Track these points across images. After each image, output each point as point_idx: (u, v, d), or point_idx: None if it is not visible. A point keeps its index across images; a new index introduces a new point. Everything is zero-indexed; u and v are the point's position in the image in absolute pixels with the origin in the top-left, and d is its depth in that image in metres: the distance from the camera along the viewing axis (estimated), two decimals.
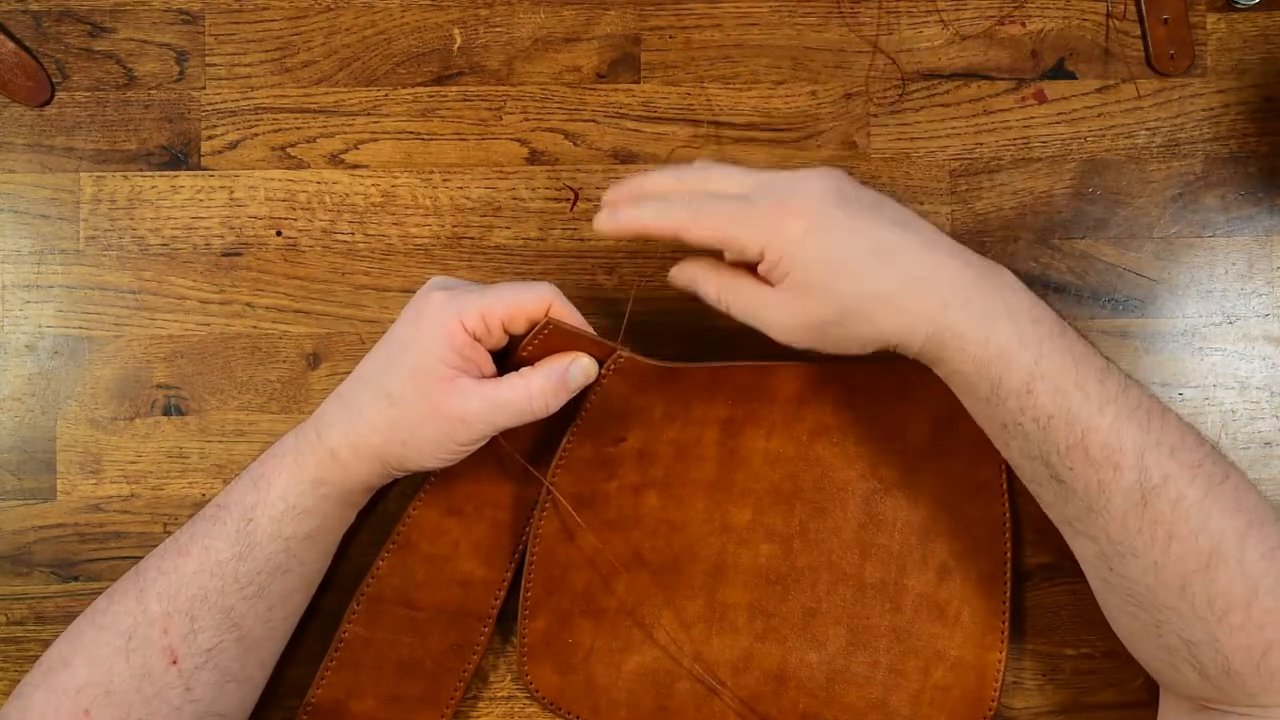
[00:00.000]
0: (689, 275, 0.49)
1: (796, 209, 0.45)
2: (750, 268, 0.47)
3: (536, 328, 0.48)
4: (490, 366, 0.48)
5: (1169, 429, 0.44)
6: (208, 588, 0.46)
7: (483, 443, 0.49)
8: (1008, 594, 0.54)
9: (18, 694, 0.46)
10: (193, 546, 0.47)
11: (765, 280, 0.46)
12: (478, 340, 0.47)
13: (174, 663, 0.45)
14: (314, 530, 0.48)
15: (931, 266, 0.45)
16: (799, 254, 0.45)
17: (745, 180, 0.47)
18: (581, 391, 0.50)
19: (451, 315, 0.46)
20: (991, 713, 0.53)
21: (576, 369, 0.49)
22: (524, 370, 0.48)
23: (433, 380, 0.46)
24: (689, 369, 0.53)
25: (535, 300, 0.48)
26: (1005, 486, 0.54)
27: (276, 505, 0.47)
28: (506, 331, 0.48)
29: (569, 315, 0.49)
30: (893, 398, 0.54)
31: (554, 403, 0.49)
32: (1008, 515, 0.54)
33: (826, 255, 0.45)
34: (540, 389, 0.48)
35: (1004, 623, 0.54)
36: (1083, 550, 0.47)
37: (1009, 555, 0.54)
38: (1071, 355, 0.44)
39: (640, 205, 0.48)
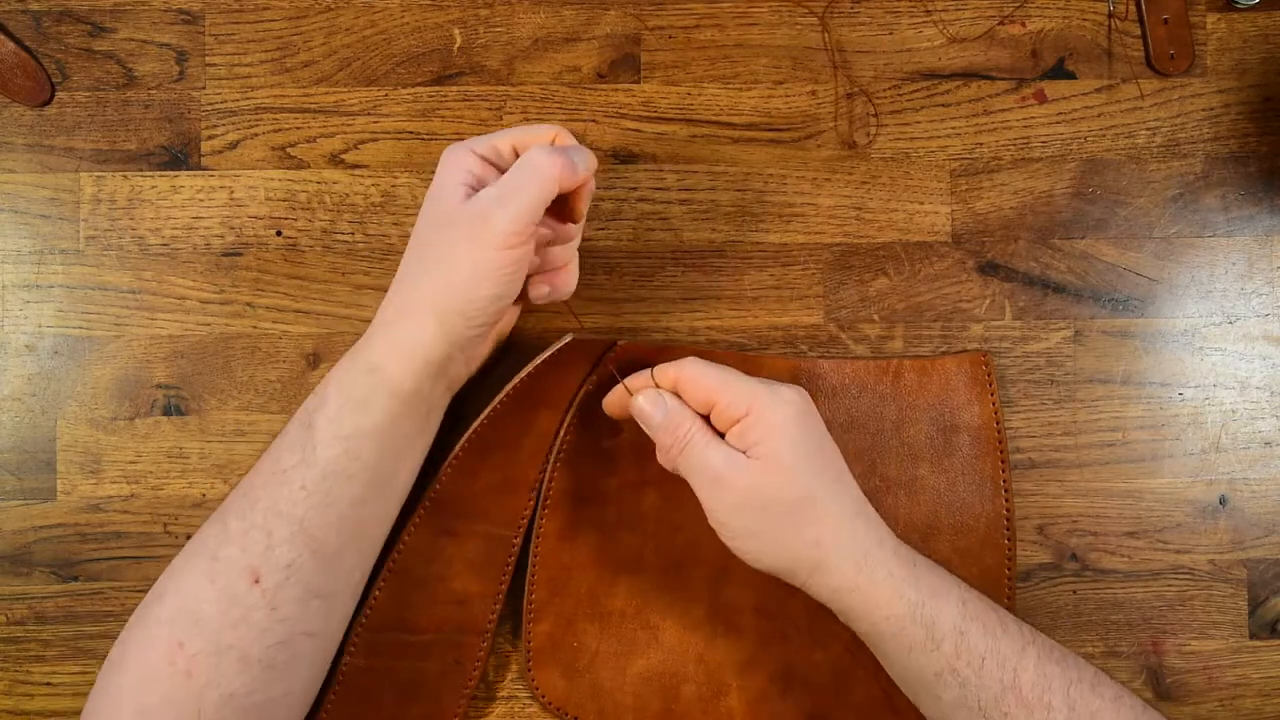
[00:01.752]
0: (656, 400, 0.48)
1: (790, 396, 0.47)
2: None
3: (552, 349, 0.51)
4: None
5: (1083, 666, 0.45)
6: (277, 499, 0.46)
7: (523, 250, 0.46)
8: (1010, 592, 0.54)
9: (122, 637, 0.46)
10: (264, 461, 0.47)
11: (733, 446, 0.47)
12: (489, 162, 0.48)
13: (256, 581, 0.45)
14: (372, 427, 0.47)
15: (869, 512, 0.48)
16: (784, 428, 0.46)
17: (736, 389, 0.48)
18: (576, 381, 0.52)
19: (463, 150, 0.48)
20: None
21: (565, 135, 0.49)
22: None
23: (454, 204, 0.46)
24: (680, 350, 0.54)
25: (539, 134, 0.49)
26: (1006, 484, 0.54)
27: (332, 402, 0.47)
28: (516, 153, 0.49)
29: (569, 142, 0.49)
30: (889, 395, 0.55)
31: (567, 168, 0.46)
32: (1008, 513, 0.54)
33: (805, 439, 0.46)
34: (546, 152, 0.46)
35: None
36: None
37: (1010, 553, 0.54)
38: (985, 602, 0.46)
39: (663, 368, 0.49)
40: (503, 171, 0.47)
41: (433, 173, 0.57)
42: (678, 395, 0.48)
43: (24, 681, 0.55)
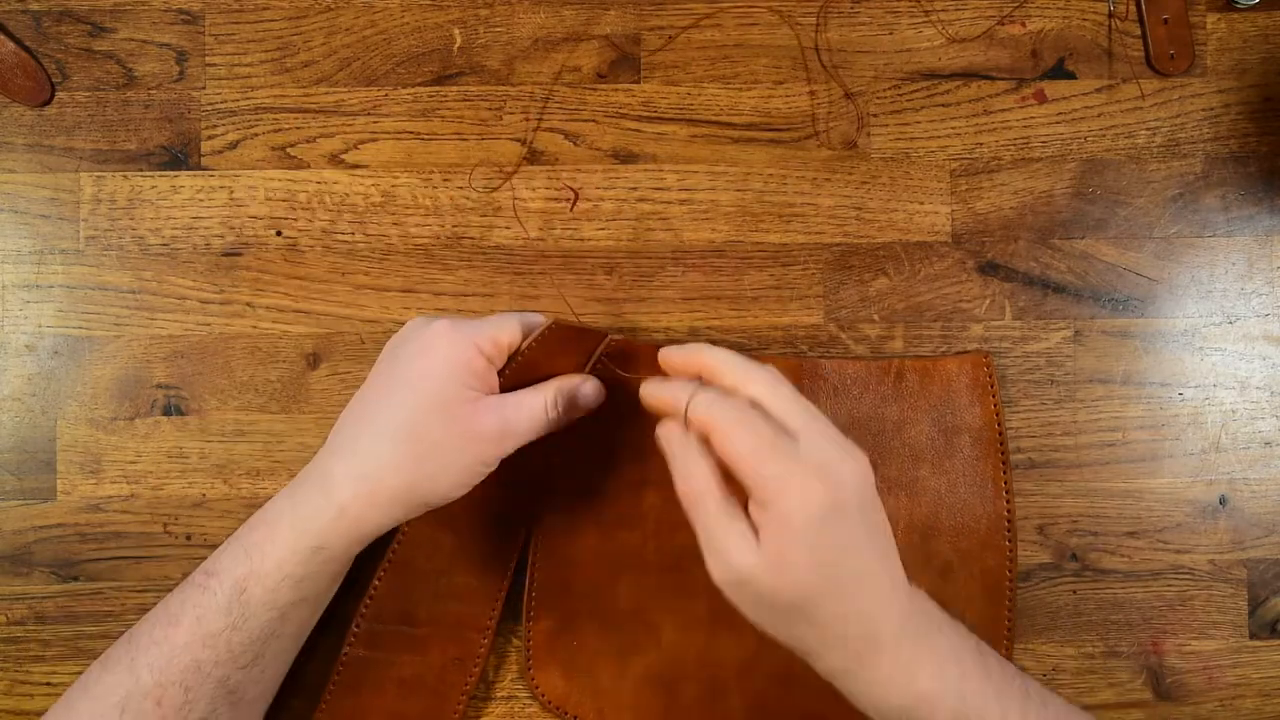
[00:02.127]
0: (681, 443, 0.44)
1: (830, 484, 0.41)
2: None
3: (538, 331, 0.49)
4: (498, 385, 0.49)
5: None
6: (201, 659, 0.46)
7: (501, 459, 0.48)
8: (1010, 593, 0.54)
9: None
10: (184, 616, 0.46)
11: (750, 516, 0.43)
12: (491, 363, 0.48)
13: None
14: (309, 594, 0.48)
15: (880, 602, 0.43)
16: (800, 525, 0.41)
17: (797, 417, 0.43)
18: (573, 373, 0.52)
19: (467, 343, 0.47)
20: None
21: (588, 387, 0.51)
22: (536, 386, 0.49)
23: (459, 405, 0.46)
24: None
25: (535, 321, 0.50)
26: (1006, 485, 0.54)
27: (272, 576, 0.46)
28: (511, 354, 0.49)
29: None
30: (890, 396, 0.54)
31: (564, 413, 0.49)
32: (1009, 514, 0.54)
33: (818, 545, 0.41)
34: (553, 399, 0.49)
35: (1007, 622, 0.54)
36: None
37: (1011, 554, 0.54)
38: (993, 687, 0.44)
39: (685, 387, 0.44)
40: (497, 364, 0.48)
41: (433, 173, 0.57)
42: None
43: (24, 681, 0.55)
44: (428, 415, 0.46)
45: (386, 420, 0.47)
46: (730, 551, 0.42)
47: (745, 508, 0.42)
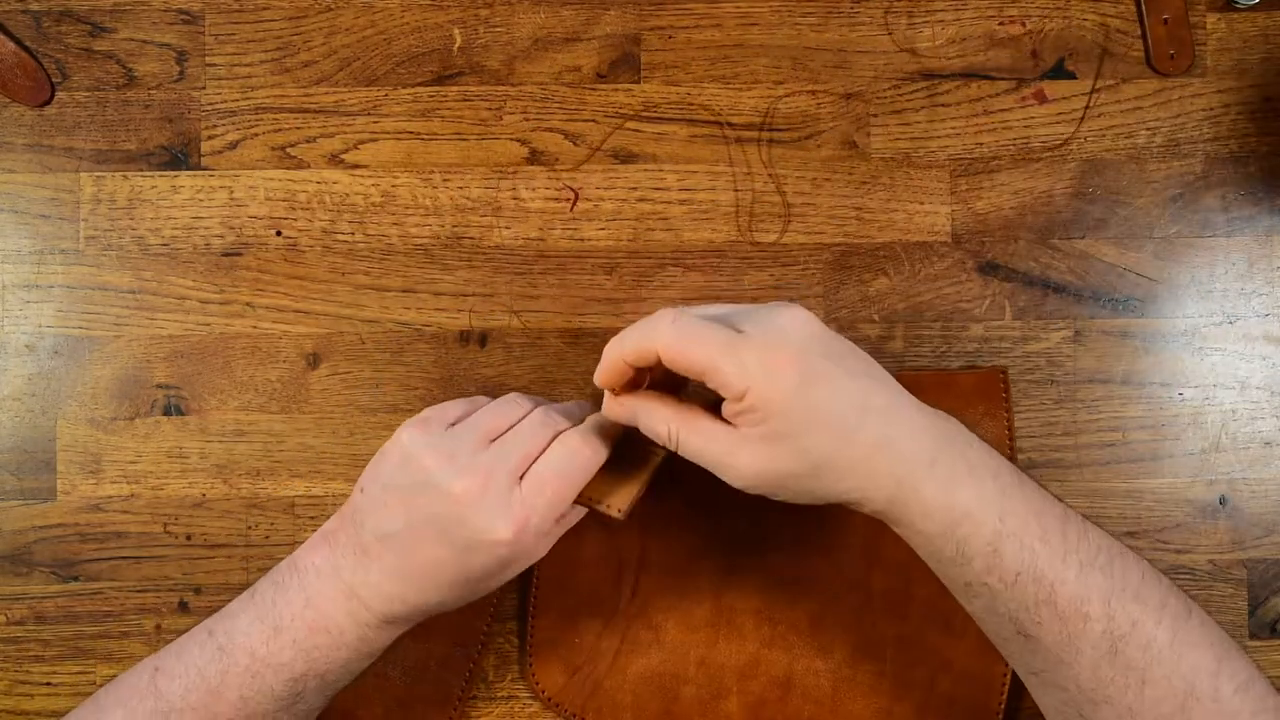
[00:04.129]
0: (630, 409, 0.45)
1: (790, 356, 0.42)
2: (707, 403, 0.45)
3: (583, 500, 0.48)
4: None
5: (1129, 570, 0.43)
6: None
7: None
8: None
9: None
10: (226, 692, 0.46)
11: (728, 420, 0.43)
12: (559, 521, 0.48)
13: None
14: (358, 671, 0.49)
15: (899, 426, 0.44)
16: (784, 405, 0.42)
17: (723, 309, 0.45)
18: None
19: (543, 527, 0.46)
20: None
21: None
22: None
23: (522, 560, 0.47)
24: None
25: (590, 464, 0.47)
26: None
27: (333, 674, 0.47)
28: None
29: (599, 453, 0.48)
30: None
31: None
32: None
33: (809, 411, 0.42)
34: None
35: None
36: (1050, 699, 0.45)
37: None
38: (1032, 508, 0.44)
39: (622, 338, 0.45)
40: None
41: (433, 173, 0.57)
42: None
43: (24, 681, 0.55)
44: (479, 587, 0.47)
45: (436, 584, 0.46)
46: (734, 459, 0.43)
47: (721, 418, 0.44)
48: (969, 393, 0.55)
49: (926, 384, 0.55)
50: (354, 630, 0.46)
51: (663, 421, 0.44)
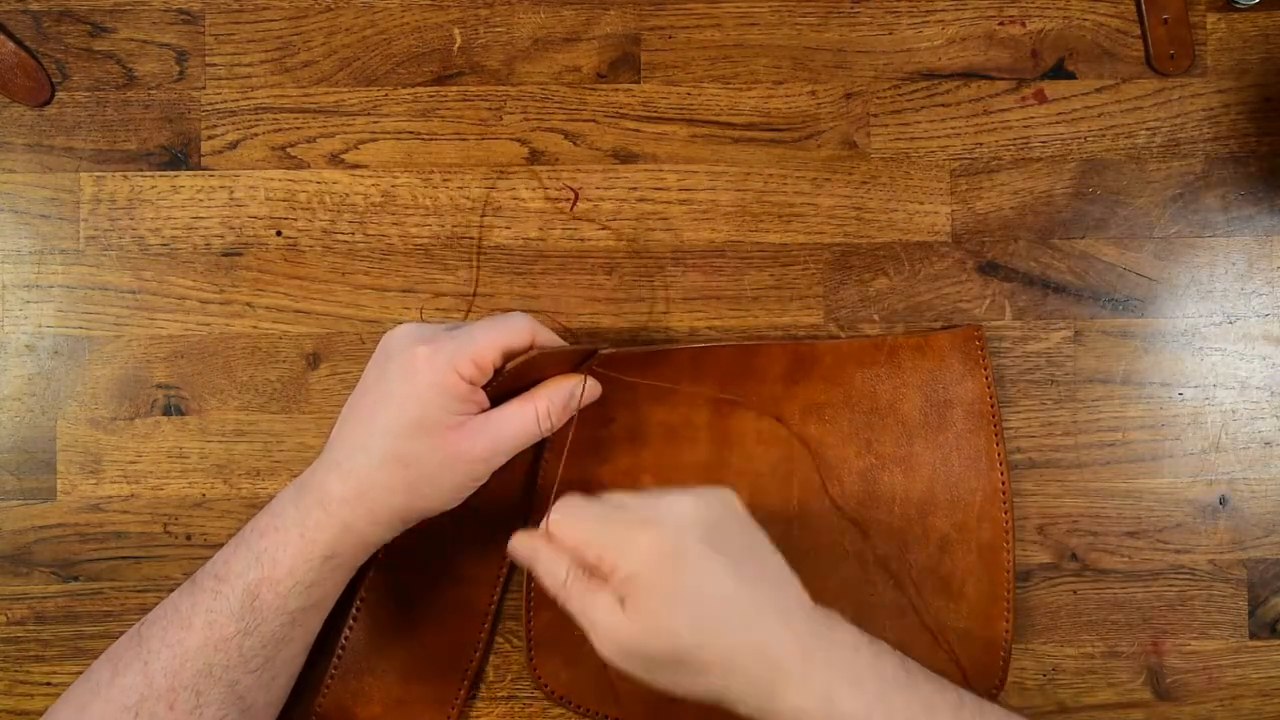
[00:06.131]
0: (530, 549, 0.46)
1: (658, 531, 0.43)
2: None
3: (522, 357, 0.48)
4: (486, 399, 0.49)
5: None
6: (213, 663, 0.46)
7: (492, 472, 0.49)
8: (1010, 564, 0.54)
9: None
10: (195, 620, 0.46)
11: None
12: (473, 384, 0.47)
13: None
14: (319, 599, 0.48)
15: (771, 630, 0.43)
16: (646, 579, 0.42)
17: (630, 497, 0.46)
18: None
19: (446, 367, 0.46)
20: (1001, 684, 0.53)
21: (579, 388, 0.50)
22: (526, 396, 0.49)
23: (443, 430, 0.46)
24: (671, 350, 0.54)
25: (518, 336, 0.48)
26: (1001, 456, 0.54)
27: (284, 582, 0.46)
28: (495, 369, 0.48)
29: (548, 339, 0.49)
30: (884, 373, 0.55)
31: (558, 422, 0.49)
32: (1005, 484, 0.54)
33: (672, 592, 0.42)
34: (545, 411, 0.49)
35: (1008, 594, 0.54)
36: None
37: (1009, 525, 0.54)
38: (920, 700, 0.43)
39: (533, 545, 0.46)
40: (479, 382, 0.48)
41: (433, 173, 0.57)
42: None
43: (24, 681, 0.55)
44: (415, 442, 0.46)
45: (378, 444, 0.47)
46: (603, 625, 0.43)
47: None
48: (946, 352, 0.55)
49: (903, 348, 0.55)
50: (294, 515, 0.47)
51: (560, 568, 0.44)
